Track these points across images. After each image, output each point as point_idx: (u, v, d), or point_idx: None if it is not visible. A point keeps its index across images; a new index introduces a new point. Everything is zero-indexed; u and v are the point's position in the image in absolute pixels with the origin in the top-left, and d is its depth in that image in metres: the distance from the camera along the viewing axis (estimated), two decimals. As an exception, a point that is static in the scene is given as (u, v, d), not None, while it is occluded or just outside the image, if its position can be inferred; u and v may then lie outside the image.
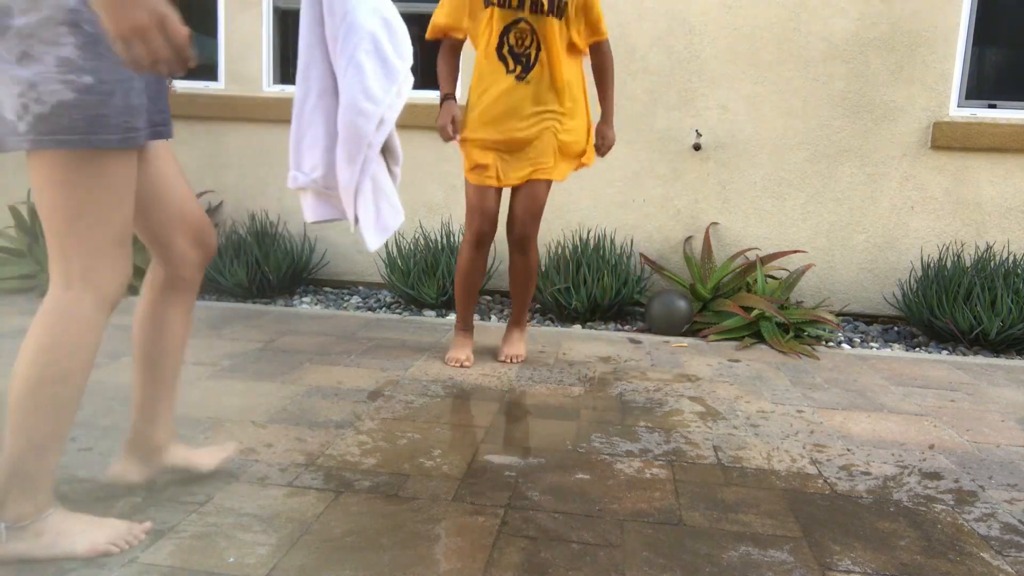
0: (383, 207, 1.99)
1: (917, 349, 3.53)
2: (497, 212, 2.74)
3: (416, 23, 4.25)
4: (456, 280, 2.86)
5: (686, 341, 3.38)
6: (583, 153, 2.79)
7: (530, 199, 2.72)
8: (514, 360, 2.88)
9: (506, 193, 3.56)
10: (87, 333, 1.34)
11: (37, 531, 1.38)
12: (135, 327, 1.59)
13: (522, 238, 2.76)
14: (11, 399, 1.33)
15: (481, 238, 2.74)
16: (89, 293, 1.34)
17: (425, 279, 3.80)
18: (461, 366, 2.79)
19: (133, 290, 3.76)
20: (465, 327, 2.91)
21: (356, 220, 1.98)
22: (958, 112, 3.84)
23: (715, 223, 4.00)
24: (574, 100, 2.71)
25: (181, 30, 1.14)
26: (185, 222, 1.55)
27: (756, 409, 2.47)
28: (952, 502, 1.84)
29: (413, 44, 2.14)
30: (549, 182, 2.73)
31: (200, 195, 4.19)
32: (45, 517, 1.39)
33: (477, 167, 2.68)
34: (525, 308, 2.96)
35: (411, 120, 4.00)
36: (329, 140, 1.98)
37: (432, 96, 4.04)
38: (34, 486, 1.35)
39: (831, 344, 3.47)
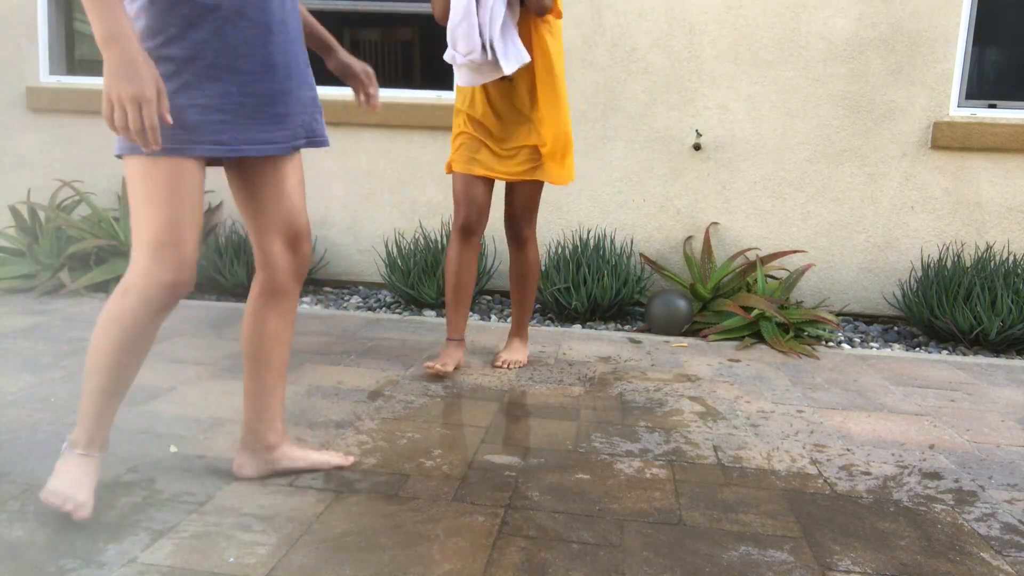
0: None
1: (917, 349, 3.53)
2: (485, 203, 2.66)
3: (412, 22, 4.25)
4: (445, 278, 2.73)
5: (686, 341, 3.38)
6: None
7: (519, 196, 2.70)
8: (512, 366, 2.78)
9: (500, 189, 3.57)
10: (124, 318, 1.49)
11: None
12: (243, 329, 1.72)
13: (516, 233, 2.75)
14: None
15: (467, 229, 2.66)
16: (133, 283, 1.49)
17: (425, 279, 3.80)
18: (436, 372, 2.59)
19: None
20: (455, 335, 2.72)
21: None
22: (958, 112, 3.84)
23: (715, 223, 4.00)
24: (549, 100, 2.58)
25: (154, 117, 1.32)
26: (284, 231, 1.66)
27: (756, 409, 2.47)
28: (952, 502, 1.84)
29: (408, 45, 2.27)
30: (539, 183, 2.68)
31: (200, 195, 4.19)
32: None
33: (463, 156, 2.63)
34: (525, 317, 2.89)
35: (411, 120, 4.00)
36: (480, 31, 2.39)
37: (431, 96, 4.04)
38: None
39: (831, 344, 3.47)
